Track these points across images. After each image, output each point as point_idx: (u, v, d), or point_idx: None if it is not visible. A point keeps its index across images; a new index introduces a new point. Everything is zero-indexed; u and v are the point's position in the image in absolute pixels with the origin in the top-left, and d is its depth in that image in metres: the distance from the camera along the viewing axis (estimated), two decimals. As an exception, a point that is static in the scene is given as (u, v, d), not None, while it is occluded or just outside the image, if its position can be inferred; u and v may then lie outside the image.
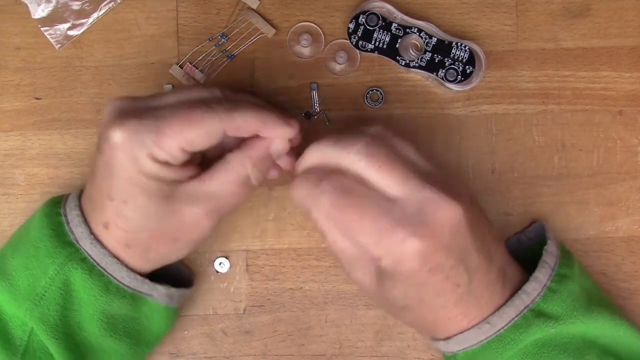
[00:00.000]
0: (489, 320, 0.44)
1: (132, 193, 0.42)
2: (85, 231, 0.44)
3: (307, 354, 0.53)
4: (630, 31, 0.53)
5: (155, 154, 0.41)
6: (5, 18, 0.53)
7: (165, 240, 0.44)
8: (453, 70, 0.51)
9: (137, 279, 0.45)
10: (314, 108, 0.53)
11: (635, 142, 0.53)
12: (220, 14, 0.53)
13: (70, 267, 0.44)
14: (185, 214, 0.43)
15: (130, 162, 0.41)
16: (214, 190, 0.44)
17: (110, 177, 0.42)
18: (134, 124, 0.41)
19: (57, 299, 0.44)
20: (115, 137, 0.41)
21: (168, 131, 0.41)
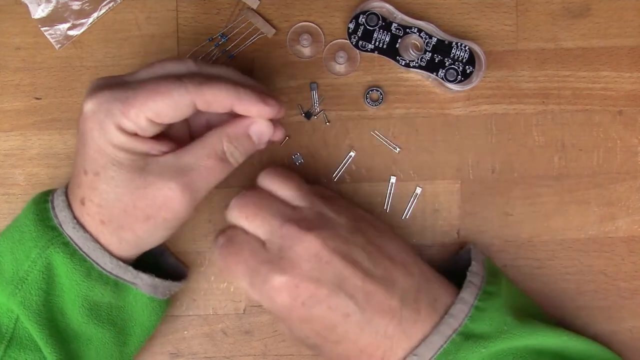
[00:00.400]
0: (417, 352, 0.43)
1: (102, 164, 0.42)
2: (68, 215, 0.44)
3: (307, 354, 0.53)
4: (630, 31, 0.53)
5: (122, 124, 0.41)
6: (5, 18, 0.53)
7: (139, 216, 0.43)
8: (453, 70, 0.51)
9: (120, 266, 0.44)
10: (314, 108, 0.53)
11: (635, 142, 0.53)
12: (220, 14, 0.53)
13: (52, 250, 0.43)
14: (157, 187, 0.42)
15: (99, 132, 0.42)
16: (188, 163, 0.43)
17: (83, 149, 0.43)
18: (104, 95, 0.42)
19: (38, 283, 0.44)
20: (86, 107, 0.42)
21: (134, 101, 0.41)
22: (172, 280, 0.48)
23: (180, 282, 0.49)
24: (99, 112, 0.41)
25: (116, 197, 0.42)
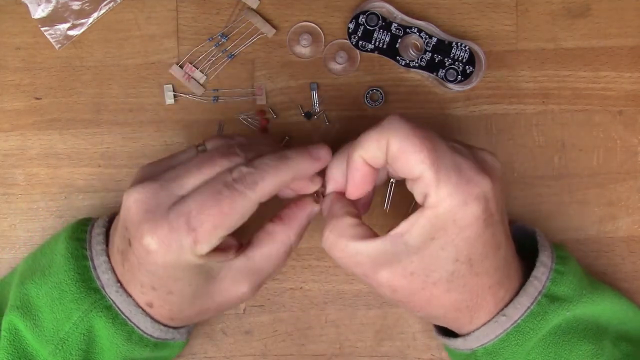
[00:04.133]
0: (505, 312, 0.43)
1: (178, 286, 0.42)
2: (111, 278, 0.44)
3: (307, 354, 0.53)
4: (630, 31, 0.53)
5: (196, 250, 0.40)
6: (5, 18, 0.53)
7: (209, 314, 0.45)
8: (453, 70, 0.51)
9: (161, 329, 0.45)
10: (314, 108, 0.53)
11: (635, 142, 0.53)
12: (220, 14, 0.53)
13: (94, 314, 0.43)
14: (232, 290, 0.43)
15: (172, 263, 0.41)
16: (260, 265, 0.44)
17: (149, 273, 0.41)
18: (166, 229, 0.40)
19: (79, 345, 0.44)
20: (151, 244, 0.40)
21: (202, 232, 0.40)
22: None
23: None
24: (167, 249, 0.40)
25: (190, 306, 0.43)
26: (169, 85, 0.53)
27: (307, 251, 0.53)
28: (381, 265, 0.41)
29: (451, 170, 0.39)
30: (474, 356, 0.45)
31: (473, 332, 0.44)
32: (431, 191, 0.40)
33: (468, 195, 0.39)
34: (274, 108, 0.53)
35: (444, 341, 0.47)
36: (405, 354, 0.53)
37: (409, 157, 0.40)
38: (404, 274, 0.41)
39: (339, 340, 0.53)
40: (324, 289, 0.53)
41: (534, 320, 0.43)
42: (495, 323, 0.43)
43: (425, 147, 0.40)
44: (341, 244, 0.42)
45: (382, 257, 0.41)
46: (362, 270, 0.42)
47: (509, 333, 0.43)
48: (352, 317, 0.53)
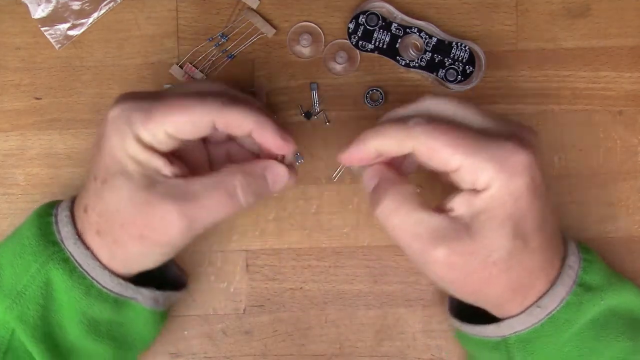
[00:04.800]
0: (540, 304, 0.43)
1: (112, 172, 0.41)
2: (70, 230, 0.44)
3: (307, 354, 0.53)
4: (630, 31, 0.53)
5: (140, 134, 0.41)
6: (5, 18, 0.53)
7: (133, 233, 0.41)
8: (453, 70, 0.51)
9: (121, 283, 0.44)
10: (314, 108, 0.53)
11: (635, 142, 0.53)
12: (220, 14, 0.53)
13: (51, 266, 0.43)
14: (157, 207, 0.40)
15: (116, 139, 0.41)
16: (195, 191, 0.41)
17: (98, 155, 0.42)
18: (128, 103, 0.41)
19: (37, 298, 0.43)
20: (110, 112, 0.41)
21: (155, 113, 0.40)
22: (173, 290, 0.48)
23: (180, 291, 0.49)
24: (120, 119, 0.41)
25: (116, 208, 0.41)
26: (169, 85, 0.53)
27: (307, 251, 0.53)
28: (441, 240, 0.40)
29: (489, 151, 0.39)
30: (504, 344, 0.44)
31: (507, 319, 0.43)
32: (477, 177, 0.39)
33: (513, 169, 0.39)
34: (274, 108, 0.53)
35: (470, 329, 0.46)
36: (405, 354, 0.53)
37: (442, 154, 0.40)
38: (463, 252, 0.40)
39: (339, 340, 0.53)
40: (324, 289, 0.53)
41: (569, 310, 0.43)
42: (530, 314, 0.43)
43: (455, 140, 0.39)
44: (403, 211, 0.40)
45: (443, 232, 0.40)
46: (420, 243, 0.40)
47: (544, 323, 0.43)
48: (352, 317, 0.53)
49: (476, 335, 0.46)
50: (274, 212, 0.53)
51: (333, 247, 0.53)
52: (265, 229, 0.53)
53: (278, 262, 0.53)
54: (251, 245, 0.53)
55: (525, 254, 0.40)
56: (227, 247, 0.53)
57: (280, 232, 0.53)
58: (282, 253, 0.53)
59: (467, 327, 0.47)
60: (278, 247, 0.53)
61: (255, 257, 0.53)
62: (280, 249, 0.53)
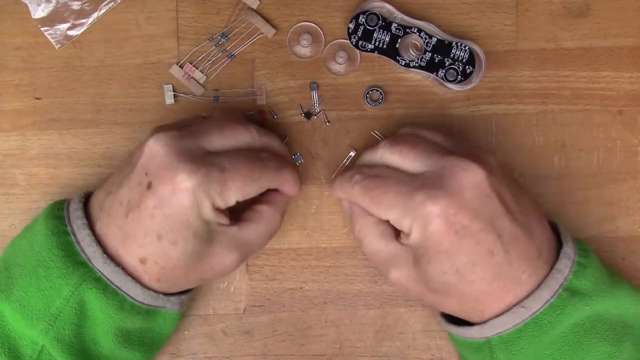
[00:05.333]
0: (524, 304, 0.43)
1: (185, 236, 0.43)
2: (97, 251, 0.44)
3: (307, 354, 0.53)
4: (630, 31, 0.53)
5: (217, 204, 0.43)
6: (5, 18, 0.53)
7: (196, 278, 0.46)
8: (453, 70, 0.51)
9: (152, 295, 0.45)
10: (314, 108, 0.53)
11: (635, 142, 0.53)
12: (220, 14, 0.53)
13: (84, 287, 0.43)
14: (222, 257, 0.45)
15: (193, 208, 0.42)
16: (250, 239, 0.46)
17: (164, 217, 0.43)
18: (203, 174, 0.42)
19: (72, 319, 0.44)
20: (184, 183, 0.42)
21: (232, 185, 0.43)
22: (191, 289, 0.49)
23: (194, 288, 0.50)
24: (198, 190, 0.42)
25: (185, 264, 0.44)
26: (169, 85, 0.53)
27: (307, 251, 0.53)
28: (393, 265, 0.46)
29: (406, 201, 0.43)
30: (488, 345, 0.45)
31: (490, 320, 0.44)
32: (401, 226, 0.44)
33: (426, 216, 0.42)
34: (274, 108, 0.53)
35: (455, 330, 0.47)
36: (405, 354, 0.53)
37: (371, 210, 0.45)
38: (409, 278, 0.45)
39: (339, 340, 0.53)
40: (324, 289, 0.53)
41: (553, 313, 0.43)
42: (514, 314, 0.43)
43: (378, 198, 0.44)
44: (367, 239, 0.47)
45: (395, 259, 0.46)
46: (380, 266, 0.47)
47: (527, 324, 0.43)
48: (352, 317, 0.53)
49: (461, 337, 0.47)
50: (273, 212, 0.53)
51: (333, 247, 0.53)
52: (265, 229, 0.53)
53: (278, 262, 0.53)
54: (251, 245, 0.53)
55: (464, 285, 0.43)
56: (227, 247, 0.53)
57: (280, 232, 0.53)
58: (282, 253, 0.53)
59: (452, 328, 0.48)
60: (278, 247, 0.53)
61: (255, 257, 0.53)
62: (280, 249, 0.53)
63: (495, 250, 0.42)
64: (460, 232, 0.42)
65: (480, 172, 0.43)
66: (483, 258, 0.43)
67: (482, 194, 0.42)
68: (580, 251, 0.46)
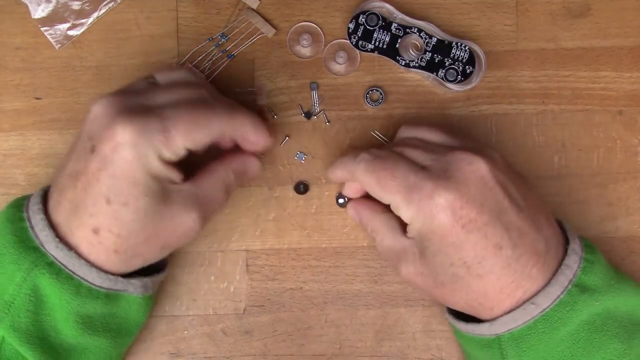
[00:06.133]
0: (534, 301, 0.43)
1: (134, 194, 0.41)
2: (50, 234, 0.43)
3: (307, 354, 0.53)
4: (630, 31, 0.53)
5: (163, 154, 0.42)
6: (5, 18, 0.53)
7: (156, 245, 0.44)
8: (453, 70, 0.51)
9: (109, 278, 0.44)
10: (314, 108, 0.53)
11: (635, 142, 0.53)
12: (220, 14, 0.53)
13: (37, 272, 0.42)
14: (181, 218, 0.43)
15: (137, 162, 0.41)
16: (206, 195, 0.45)
17: (110, 177, 0.41)
18: (141, 123, 0.41)
19: (27, 305, 0.43)
20: (122, 135, 0.41)
21: (175, 133, 0.42)
22: (157, 271, 0.48)
23: (164, 272, 0.49)
24: (138, 142, 0.41)
25: (141, 227, 0.42)
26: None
27: (307, 251, 0.53)
28: (402, 260, 0.46)
29: (412, 190, 0.43)
30: (498, 342, 0.45)
31: (500, 317, 0.44)
32: (402, 214, 0.44)
33: (432, 208, 0.42)
34: (274, 108, 0.53)
35: (464, 327, 0.47)
36: (405, 354, 0.53)
37: (373, 192, 0.45)
38: (416, 272, 0.45)
39: (339, 340, 0.53)
40: (324, 289, 0.53)
41: (563, 309, 0.43)
42: (524, 310, 0.43)
43: (383, 180, 0.44)
44: (379, 236, 0.48)
45: (403, 253, 0.46)
46: (392, 263, 0.47)
47: (537, 320, 0.43)
48: (352, 317, 0.53)
49: (470, 333, 0.47)
50: (274, 212, 0.53)
51: (333, 247, 0.53)
52: (265, 229, 0.53)
53: (278, 262, 0.53)
54: (251, 245, 0.53)
55: (471, 278, 0.43)
56: (227, 247, 0.53)
57: (280, 232, 0.53)
58: (282, 253, 0.53)
59: (461, 325, 0.47)
60: (278, 247, 0.53)
61: (255, 257, 0.53)
62: (280, 249, 0.53)
63: (503, 244, 0.42)
64: (467, 225, 0.42)
65: (484, 165, 0.43)
66: (491, 252, 0.42)
67: (487, 186, 0.43)
68: (587, 248, 0.46)
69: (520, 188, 0.45)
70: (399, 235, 0.46)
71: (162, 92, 0.44)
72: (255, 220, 0.53)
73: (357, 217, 0.50)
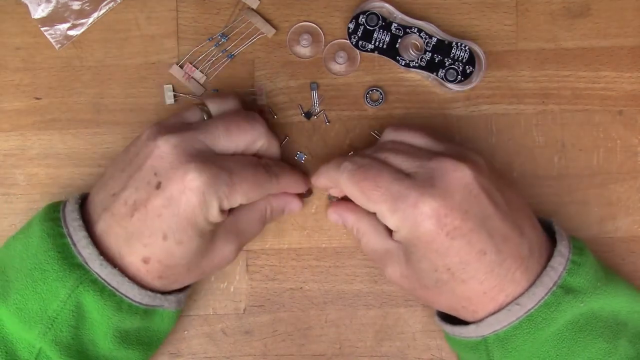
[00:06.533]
0: (519, 302, 0.44)
1: (190, 235, 0.44)
2: (94, 252, 0.44)
3: (307, 354, 0.53)
4: (630, 31, 0.53)
5: (223, 205, 0.44)
6: (5, 18, 0.53)
7: (197, 273, 0.47)
8: (453, 70, 0.51)
9: (149, 295, 0.45)
10: (314, 108, 0.53)
11: (635, 142, 0.53)
12: (220, 14, 0.53)
13: (81, 289, 0.43)
14: (222, 250, 0.47)
15: (200, 208, 0.43)
16: (244, 227, 0.48)
17: (172, 216, 0.43)
18: (213, 174, 0.43)
19: (69, 321, 0.44)
20: (193, 182, 0.43)
21: (239, 189, 0.44)
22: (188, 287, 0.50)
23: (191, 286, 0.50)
24: (207, 190, 0.43)
25: (188, 262, 0.45)
26: (169, 85, 0.53)
27: (307, 251, 0.53)
28: (387, 263, 0.47)
29: (396, 199, 0.43)
30: (484, 343, 0.45)
31: (485, 318, 0.44)
32: (387, 222, 0.44)
33: (417, 216, 0.42)
34: (274, 108, 0.53)
35: (450, 330, 0.47)
36: (405, 354, 0.53)
37: (358, 201, 0.45)
38: (401, 275, 0.46)
39: (339, 340, 0.53)
40: (324, 289, 0.53)
41: (548, 310, 0.43)
42: (509, 311, 0.44)
43: (367, 190, 0.44)
44: (365, 238, 0.48)
45: (388, 255, 0.47)
46: (378, 264, 0.48)
47: (521, 321, 0.43)
48: (352, 317, 0.53)
49: (457, 336, 0.47)
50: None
51: (333, 247, 0.53)
52: (266, 229, 0.53)
53: (278, 262, 0.53)
54: (251, 245, 0.53)
55: (456, 283, 0.44)
56: (227, 247, 0.53)
57: (280, 232, 0.53)
58: (282, 253, 0.53)
59: (447, 327, 0.48)
60: (278, 247, 0.53)
61: (255, 257, 0.53)
62: (280, 249, 0.53)
63: (487, 250, 0.43)
64: (452, 233, 0.42)
65: (468, 172, 0.43)
66: (475, 257, 0.43)
67: (472, 193, 0.43)
68: (575, 249, 0.46)
69: (504, 193, 0.45)
70: (384, 237, 0.47)
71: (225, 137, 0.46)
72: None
73: (340, 220, 0.50)
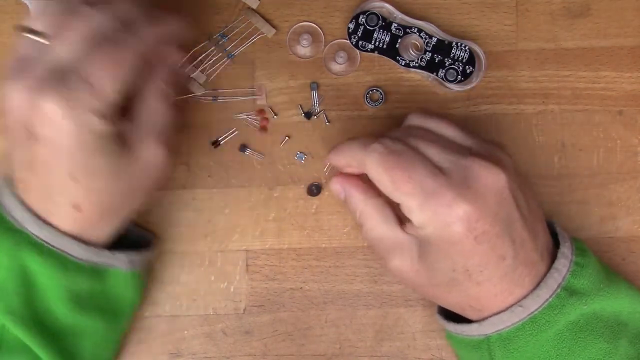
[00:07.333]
0: (522, 303, 0.43)
1: (95, 164, 0.40)
2: (28, 214, 0.43)
3: (307, 354, 0.53)
4: (630, 31, 0.53)
5: (97, 108, 0.39)
6: (5, 18, 0.53)
7: (137, 195, 0.44)
8: (453, 70, 0.51)
9: (94, 251, 0.44)
10: (314, 108, 0.53)
11: (635, 142, 0.53)
12: (220, 14, 0.53)
13: (23, 254, 0.42)
14: (146, 155, 0.42)
15: (79, 129, 0.39)
16: (152, 120, 0.43)
17: (63, 156, 0.40)
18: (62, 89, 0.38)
19: (18, 288, 0.43)
20: (53, 111, 0.38)
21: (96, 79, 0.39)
22: (144, 249, 0.48)
23: (151, 249, 0.49)
24: (73, 109, 0.38)
25: (116, 184, 0.42)
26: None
27: (307, 251, 0.53)
28: (396, 254, 0.45)
29: (430, 196, 0.41)
30: (486, 342, 0.45)
31: (489, 317, 0.44)
32: (413, 217, 0.42)
33: (448, 217, 0.41)
34: (274, 108, 0.53)
35: (453, 328, 0.47)
36: (405, 354, 0.53)
37: (384, 187, 0.43)
38: (411, 269, 0.44)
39: (339, 340, 0.53)
40: (324, 289, 0.53)
41: (551, 312, 0.43)
42: (512, 312, 0.43)
43: (398, 179, 0.42)
44: (369, 224, 0.46)
45: (399, 247, 0.45)
46: (381, 254, 0.46)
47: (525, 323, 0.43)
48: (352, 317, 0.53)
49: (459, 334, 0.47)
50: (274, 212, 0.53)
51: (333, 247, 0.53)
52: (265, 229, 0.53)
53: (278, 262, 0.53)
54: (251, 245, 0.53)
55: (470, 284, 0.43)
56: (227, 247, 0.53)
57: (280, 232, 0.53)
58: (282, 253, 0.53)
59: (450, 325, 0.48)
60: (278, 247, 0.53)
61: (255, 257, 0.53)
62: (280, 249, 0.53)
63: (507, 255, 0.42)
64: (480, 237, 0.42)
65: (503, 177, 0.42)
66: (494, 262, 0.42)
67: (503, 198, 0.42)
68: (578, 250, 0.46)
69: (525, 195, 0.44)
70: (393, 226, 0.45)
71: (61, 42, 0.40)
72: (255, 220, 0.53)
73: (343, 194, 0.47)
